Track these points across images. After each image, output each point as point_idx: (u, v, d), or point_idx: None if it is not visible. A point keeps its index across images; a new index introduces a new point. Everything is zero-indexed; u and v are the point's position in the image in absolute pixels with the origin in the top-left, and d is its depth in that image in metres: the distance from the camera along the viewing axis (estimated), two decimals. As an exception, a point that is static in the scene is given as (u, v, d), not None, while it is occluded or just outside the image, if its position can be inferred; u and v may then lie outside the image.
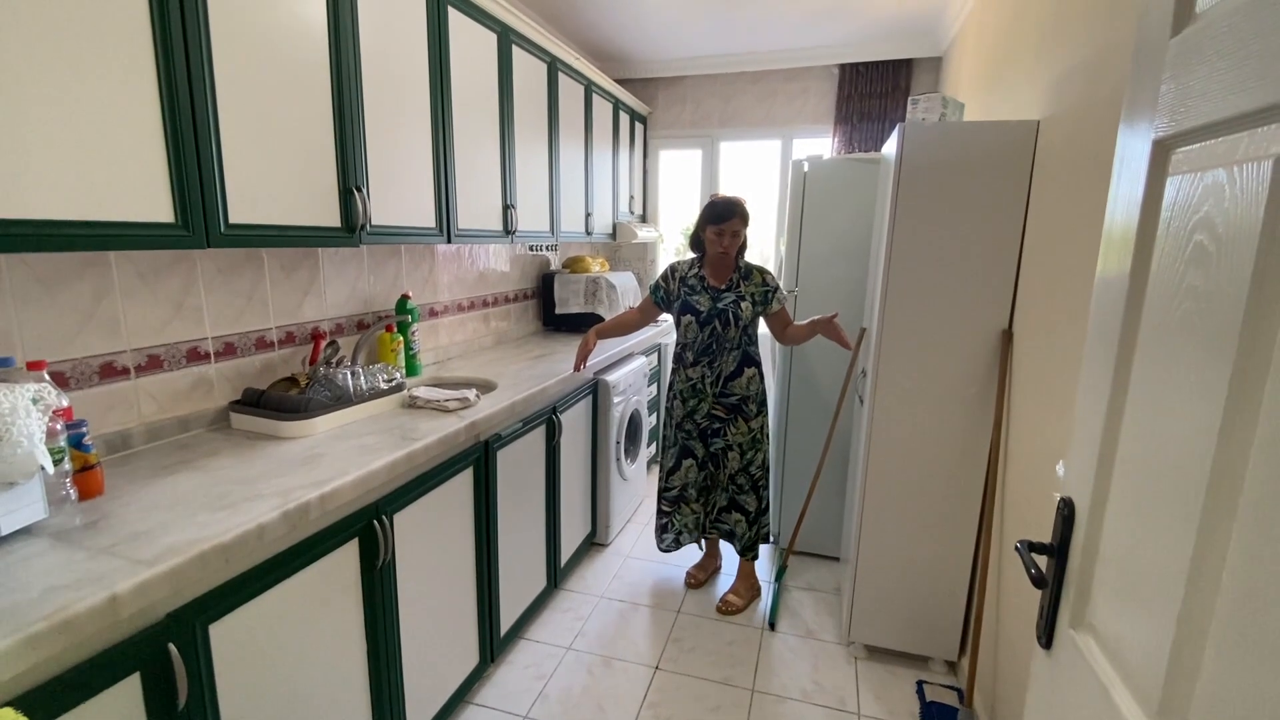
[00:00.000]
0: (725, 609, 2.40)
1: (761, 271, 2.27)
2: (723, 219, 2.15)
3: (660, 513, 2.50)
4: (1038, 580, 0.80)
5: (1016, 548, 0.84)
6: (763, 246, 4.50)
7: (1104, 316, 0.76)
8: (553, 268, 3.47)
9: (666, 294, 2.33)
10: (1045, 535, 1.43)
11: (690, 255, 2.37)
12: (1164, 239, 0.65)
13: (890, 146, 1.95)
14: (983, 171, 1.75)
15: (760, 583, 2.56)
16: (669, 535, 2.50)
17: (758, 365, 2.32)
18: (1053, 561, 0.83)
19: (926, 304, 1.86)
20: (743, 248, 2.26)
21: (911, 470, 1.96)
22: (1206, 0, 0.64)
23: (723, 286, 2.24)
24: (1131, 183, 0.72)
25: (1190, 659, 0.56)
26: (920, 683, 1.99)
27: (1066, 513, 0.81)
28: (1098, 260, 0.79)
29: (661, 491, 2.48)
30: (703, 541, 2.60)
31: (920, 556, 2.00)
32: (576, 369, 2.30)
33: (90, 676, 0.87)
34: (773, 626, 2.30)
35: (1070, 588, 0.80)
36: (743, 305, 2.22)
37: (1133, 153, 0.72)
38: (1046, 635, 0.83)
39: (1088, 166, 1.37)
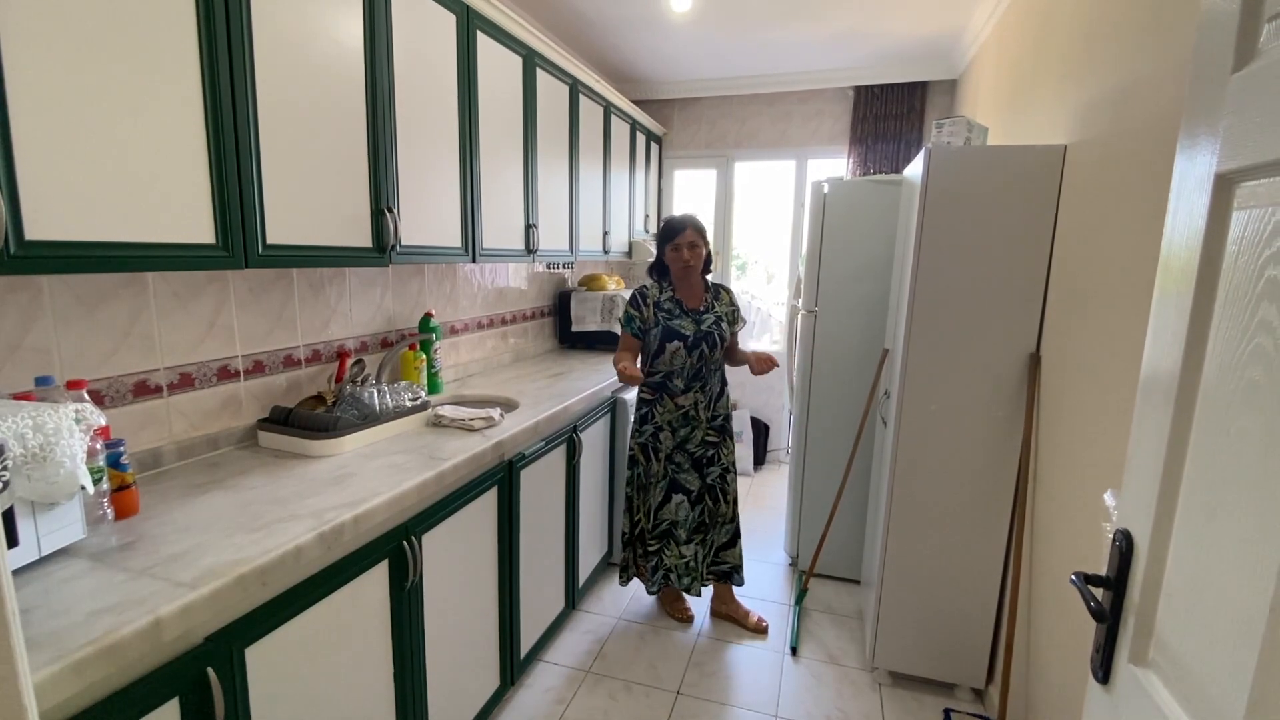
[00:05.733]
0: (763, 625, 2.39)
1: (728, 291, 2.31)
2: (676, 232, 2.17)
3: (646, 553, 2.32)
4: (1098, 614, 0.79)
5: (1072, 580, 0.82)
6: (771, 265, 4.52)
7: (1162, 345, 0.75)
8: (569, 285, 3.48)
9: (642, 322, 2.19)
10: (1082, 561, 1.42)
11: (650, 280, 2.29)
12: (1230, 272, 0.65)
13: (915, 169, 1.96)
14: (1009, 195, 1.76)
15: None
16: (659, 574, 2.31)
17: (727, 383, 2.34)
18: (1109, 594, 0.81)
19: (952, 326, 1.85)
20: (707, 263, 2.26)
21: (937, 493, 1.94)
22: (1268, 38, 0.64)
23: (701, 308, 2.23)
24: (1191, 214, 0.72)
25: (1274, 699, 0.55)
26: (947, 711, 1.95)
27: (1123, 545, 0.80)
28: (1154, 287, 0.78)
29: (650, 528, 2.29)
30: (701, 590, 2.34)
31: (945, 581, 1.97)
32: (634, 380, 2.02)
33: (130, 702, 0.86)
34: (794, 651, 2.26)
35: (1129, 622, 0.78)
36: (723, 326, 2.22)
37: (1192, 185, 0.72)
38: (1104, 670, 0.82)
39: (1121, 192, 1.38)
